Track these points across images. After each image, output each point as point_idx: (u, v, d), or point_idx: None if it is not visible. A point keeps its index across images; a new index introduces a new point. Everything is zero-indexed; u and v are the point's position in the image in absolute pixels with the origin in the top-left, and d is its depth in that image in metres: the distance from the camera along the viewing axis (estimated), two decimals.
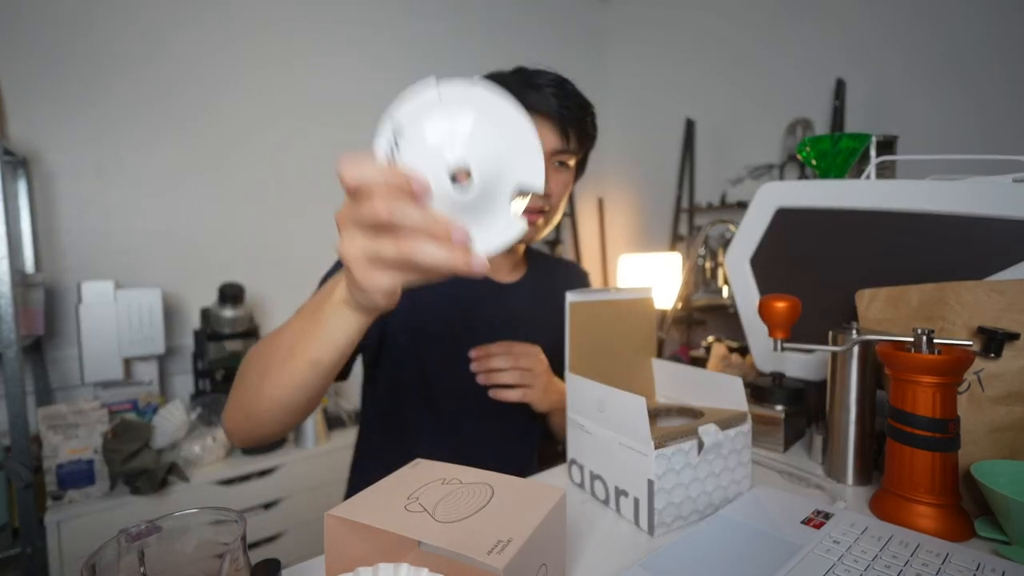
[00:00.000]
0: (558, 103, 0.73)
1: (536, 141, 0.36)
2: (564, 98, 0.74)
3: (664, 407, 0.64)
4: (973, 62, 1.78)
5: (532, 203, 0.74)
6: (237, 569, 0.31)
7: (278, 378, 0.47)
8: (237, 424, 0.54)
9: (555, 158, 0.76)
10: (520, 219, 0.36)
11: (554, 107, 0.73)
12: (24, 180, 1.54)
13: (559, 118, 0.73)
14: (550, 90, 0.74)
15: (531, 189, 0.36)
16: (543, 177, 0.36)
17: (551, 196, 0.76)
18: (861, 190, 0.69)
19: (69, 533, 1.25)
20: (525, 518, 0.37)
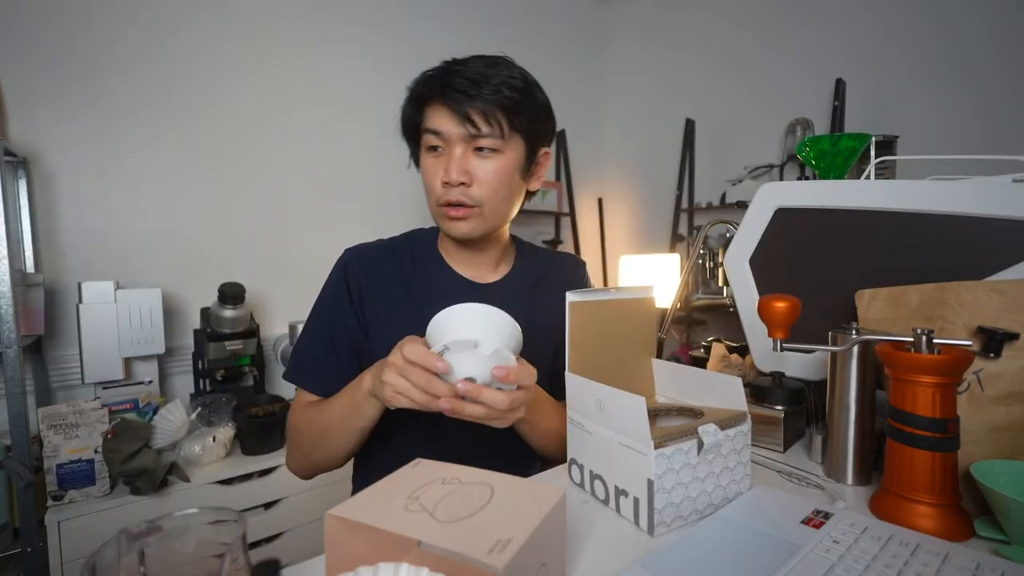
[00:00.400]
0: (449, 87, 0.68)
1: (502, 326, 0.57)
2: (477, 77, 0.68)
3: (664, 407, 0.64)
4: (973, 62, 1.78)
5: (451, 197, 0.70)
6: (237, 569, 0.31)
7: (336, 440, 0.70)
8: (301, 468, 0.77)
9: (468, 145, 0.70)
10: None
11: (457, 91, 0.68)
12: (24, 180, 1.54)
13: (458, 102, 0.68)
14: (458, 76, 0.69)
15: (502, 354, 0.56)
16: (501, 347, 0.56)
17: (470, 187, 0.70)
18: (861, 190, 0.69)
19: (69, 533, 1.24)
20: (525, 518, 0.37)
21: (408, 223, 0.93)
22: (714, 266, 2.30)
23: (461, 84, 0.68)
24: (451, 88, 0.68)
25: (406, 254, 0.81)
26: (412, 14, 2.31)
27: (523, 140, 0.73)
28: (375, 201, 2.20)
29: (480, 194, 0.71)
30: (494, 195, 0.72)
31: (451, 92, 0.68)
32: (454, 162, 0.69)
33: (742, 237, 0.81)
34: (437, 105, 0.70)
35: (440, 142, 0.71)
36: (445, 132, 0.70)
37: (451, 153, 0.70)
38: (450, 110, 0.69)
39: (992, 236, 0.60)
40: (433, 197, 0.73)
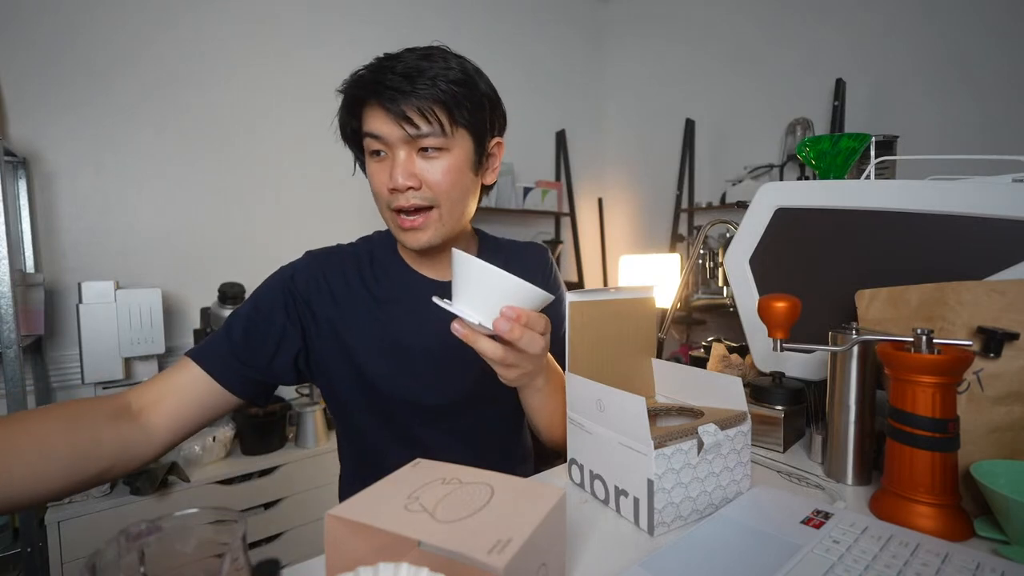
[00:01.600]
0: (381, 85, 0.63)
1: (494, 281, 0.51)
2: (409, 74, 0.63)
3: (664, 407, 0.64)
4: (973, 62, 1.78)
5: (403, 203, 0.66)
6: (237, 569, 0.31)
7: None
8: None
9: (412, 146, 0.65)
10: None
11: (379, 92, 0.63)
12: (24, 180, 1.54)
13: (388, 101, 0.63)
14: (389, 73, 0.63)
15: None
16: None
17: (420, 189, 0.66)
18: (861, 190, 0.69)
19: (69, 533, 1.25)
20: (525, 518, 0.37)
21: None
22: (714, 266, 2.30)
23: (393, 81, 0.63)
24: (383, 86, 0.63)
25: (364, 258, 0.77)
26: (411, 15, 2.31)
27: (469, 134, 0.68)
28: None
29: (432, 195, 0.67)
30: (447, 196, 0.67)
31: (384, 91, 0.63)
32: (399, 166, 0.65)
33: (742, 237, 0.81)
34: (372, 106, 0.65)
35: (381, 146, 0.66)
36: (384, 135, 0.65)
37: (394, 156, 0.65)
38: (384, 110, 0.64)
39: (992, 236, 0.60)
40: (383, 203, 0.69)
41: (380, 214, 0.71)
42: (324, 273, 0.74)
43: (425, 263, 0.77)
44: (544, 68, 2.85)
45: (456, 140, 0.67)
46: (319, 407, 1.70)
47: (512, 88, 2.86)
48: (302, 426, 1.66)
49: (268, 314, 0.71)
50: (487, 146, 0.72)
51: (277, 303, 0.72)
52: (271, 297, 0.72)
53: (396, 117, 0.63)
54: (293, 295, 0.72)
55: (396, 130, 0.64)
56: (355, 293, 0.74)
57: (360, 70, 0.67)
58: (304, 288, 0.73)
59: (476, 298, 0.52)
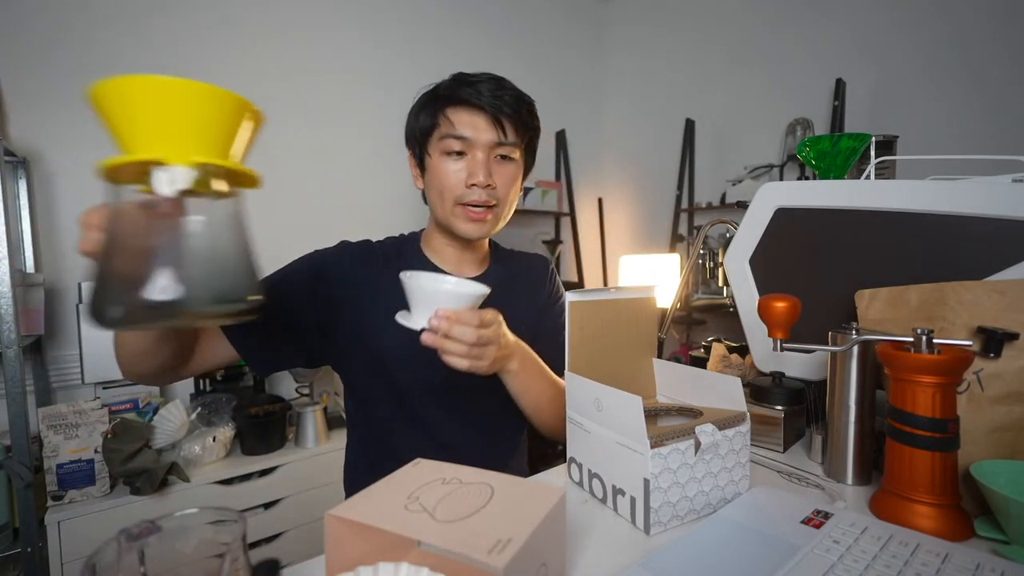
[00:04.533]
0: (491, 96, 0.74)
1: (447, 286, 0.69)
2: (496, 91, 0.75)
3: (664, 407, 0.64)
4: (974, 62, 1.78)
5: (477, 198, 0.75)
6: (237, 569, 0.31)
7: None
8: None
9: (495, 151, 0.76)
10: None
11: (486, 100, 0.74)
12: (24, 180, 1.54)
13: (492, 110, 0.74)
14: (483, 85, 0.74)
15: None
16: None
17: (495, 188, 0.76)
18: (861, 190, 0.69)
19: (69, 533, 1.25)
20: (525, 518, 0.37)
21: (407, 225, 0.94)
22: (714, 266, 2.30)
23: (490, 91, 0.74)
24: (482, 95, 0.74)
25: (391, 252, 0.84)
26: (411, 14, 2.31)
27: (527, 152, 0.82)
28: (375, 202, 2.20)
29: (500, 195, 0.77)
30: (508, 198, 0.79)
31: (485, 99, 0.74)
32: (481, 165, 0.74)
33: (742, 237, 0.81)
34: (467, 110, 0.74)
35: (464, 147, 0.75)
36: (473, 137, 0.74)
37: (475, 157, 0.75)
38: (485, 115, 0.74)
39: (992, 236, 0.60)
40: (451, 197, 0.76)
41: (439, 207, 0.78)
42: (354, 262, 0.81)
43: (448, 262, 0.85)
44: (544, 68, 2.85)
45: (519, 153, 0.79)
46: (319, 407, 1.70)
47: None
48: (302, 426, 1.66)
49: (288, 289, 0.76)
50: (529, 167, 0.85)
51: (302, 283, 0.77)
52: (298, 276, 0.78)
53: (492, 121, 0.74)
54: (318, 278, 0.78)
55: (489, 134, 0.75)
56: (378, 283, 0.80)
57: (447, 80, 0.77)
58: (330, 272, 0.79)
59: (416, 309, 0.64)
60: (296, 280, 0.78)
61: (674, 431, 0.51)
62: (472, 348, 0.63)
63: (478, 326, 0.63)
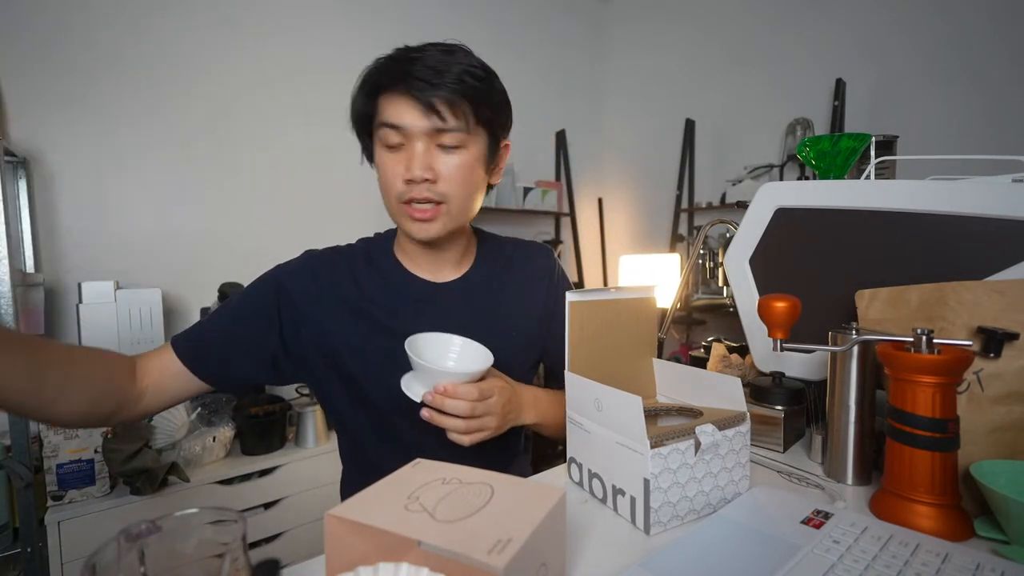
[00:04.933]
0: (425, 75, 0.63)
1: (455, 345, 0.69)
2: (436, 67, 0.63)
3: (664, 407, 0.64)
4: (974, 62, 1.78)
5: (417, 195, 0.66)
6: (237, 569, 0.31)
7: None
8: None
9: (435, 140, 0.65)
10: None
11: (418, 82, 0.63)
12: (24, 180, 1.54)
13: (422, 94, 0.63)
14: (419, 63, 0.63)
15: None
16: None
17: (435, 183, 0.66)
18: (861, 190, 0.69)
19: (69, 533, 1.24)
20: (525, 518, 0.37)
21: None
22: (714, 266, 2.30)
23: (423, 72, 0.62)
24: (412, 76, 0.62)
25: (360, 257, 0.77)
26: (410, 14, 2.31)
27: (486, 132, 0.69)
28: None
29: (446, 190, 0.67)
30: (459, 191, 0.68)
31: (413, 81, 0.62)
32: (417, 158, 0.65)
33: (742, 237, 0.81)
34: (397, 96, 0.65)
35: (400, 138, 0.66)
36: (407, 126, 0.64)
37: (412, 148, 0.65)
38: (413, 100, 0.63)
39: (992, 236, 0.60)
40: (393, 195, 0.68)
41: (387, 206, 0.71)
42: (317, 275, 0.74)
43: (421, 265, 0.77)
44: (544, 68, 2.84)
45: (474, 137, 0.68)
46: (319, 407, 1.70)
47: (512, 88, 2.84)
48: (302, 426, 1.66)
49: (248, 315, 0.72)
50: (499, 146, 0.73)
51: (265, 304, 0.72)
52: (256, 297, 0.73)
53: (424, 108, 0.63)
54: (280, 297, 0.72)
55: (421, 121, 0.64)
56: (346, 294, 0.74)
57: (382, 58, 0.67)
58: (294, 289, 0.73)
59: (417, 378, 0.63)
60: (257, 303, 0.72)
61: (674, 431, 0.51)
62: (469, 422, 0.62)
63: (476, 400, 0.61)
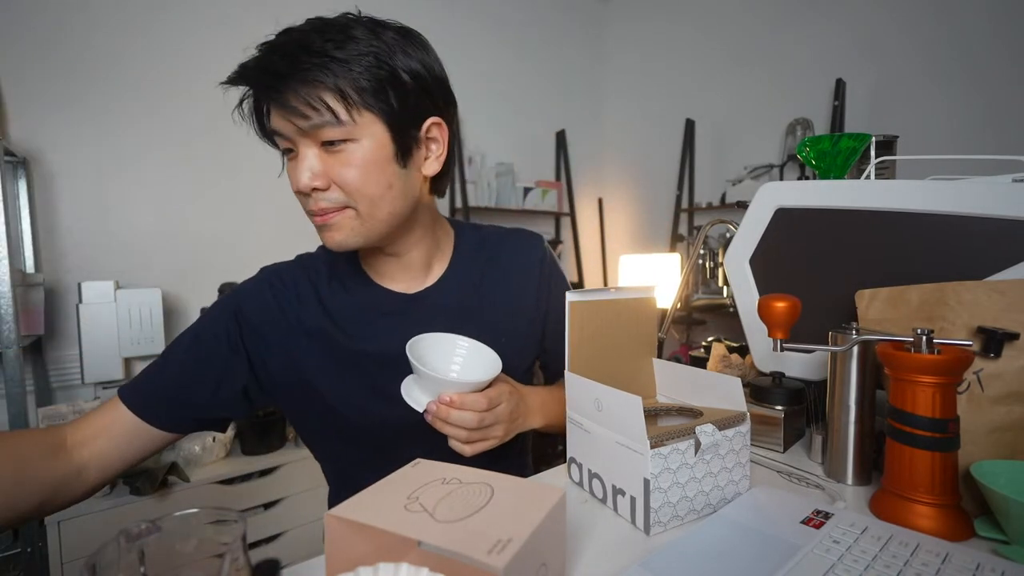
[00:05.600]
0: (258, 70, 0.54)
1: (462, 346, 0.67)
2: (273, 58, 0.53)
3: (664, 407, 0.64)
4: (974, 62, 1.78)
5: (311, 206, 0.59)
6: (237, 569, 0.31)
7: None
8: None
9: (311, 140, 0.56)
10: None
11: (256, 76, 0.54)
12: (24, 180, 1.54)
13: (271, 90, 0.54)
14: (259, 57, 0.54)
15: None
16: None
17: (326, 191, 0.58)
18: (861, 190, 0.69)
19: (69, 533, 1.25)
20: (525, 518, 0.37)
21: None
22: (714, 266, 2.30)
23: (272, 63, 0.53)
24: (262, 71, 0.53)
25: (323, 270, 0.70)
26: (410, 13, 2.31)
27: (381, 120, 0.57)
28: None
29: (342, 197, 0.58)
30: (361, 194, 0.58)
31: (262, 75, 0.54)
32: (301, 165, 0.57)
33: (742, 237, 0.81)
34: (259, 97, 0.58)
35: (288, 143, 0.58)
36: (279, 129, 0.57)
37: (299, 154, 0.57)
38: (271, 101, 0.56)
39: (992, 236, 0.60)
40: (304, 206, 0.61)
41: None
42: (275, 294, 0.67)
43: (388, 275, 0.70)
44: (544, 68, 2.84)
45: (363, 128, 0.56)
46: None
47: (512, 88, 2.87)
48: None
49: (209, 348, 0.64)
50: (416, 130, 0.61)
51: (220, 335, 0.65)
52: (214, 330, 0.65)
53: (281, 108, 0.54)
54: (240, 324, 0.65)
55: (283, 123, 0.56)
56: (309, 311, 0.67)
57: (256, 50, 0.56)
58: (253, 315, 0.66)
59: (419, 385, 0.60)
60: (216, 333, 0.65)
61: (674, 431, 0.51)
62: (473, 433, 0.58)
63: (484, 410, 0.58)
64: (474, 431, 0.59)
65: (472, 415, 0.58)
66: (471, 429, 0.58)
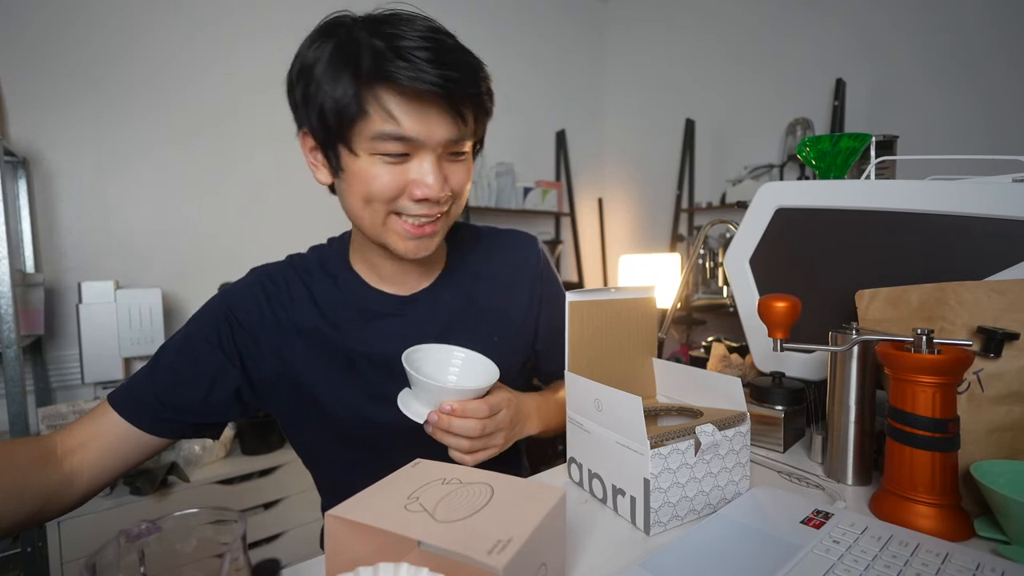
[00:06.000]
0: (441, 73, 0.51)
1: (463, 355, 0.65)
2: (447, 65, 0.51)
3: (664, 407, 0.64)
4: (974, 62, 1.78)
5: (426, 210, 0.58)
6: (237, 569, 0.31)
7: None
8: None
9: (435, 148, 0.56)
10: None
11: (438, 81, 0.51)
12: (24, 180, 1.54)
13: (449, 97, 0.53)
14: (422, 54, 0.51)
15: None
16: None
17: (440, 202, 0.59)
18: (861, 190, 0.69)
19: (69, 533, 1.25)
20: (525, 518, 0.37)
21: None
22: (714, 266, 2.30)
23: (441, 67, 0.51)
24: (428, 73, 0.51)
25: (315, 272, 0.69)
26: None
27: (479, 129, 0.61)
28: None
29: (454, 203, 0.61)
30: (462, 198, 0.61)
31: (436, 80, 0.51)
32: (434, 172, 0.55)
33: (742, 237, 0.81)
34: (412, 98, 0.53)
35: (406, 148, 0.55)
36: (423, 137, 0.54)
37: (423, 161, 0.56)
38: (439, 105, 0.53)
39: (992, 236, 0.60)
40: (383, 207, 0.58)
41: (364, 221, 0.60)
42: (266, 297, 0.66)
43: (387, 278, 0.69)
44: (544, 68, 2.84)
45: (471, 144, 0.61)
46: None
47: (512, 88, 2.86)
48: None
49: (199, 351, 0.63)
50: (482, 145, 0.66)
51: (211, 338, 0.64)
52: (204, 332, 0.64)
53: (453, 116, 0.54)
54: (231, 326, 0.64)
55: (444, 130, 0.54)
56: (303, 311, 0.67)
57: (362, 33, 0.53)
58: (244, 317, 0.65)
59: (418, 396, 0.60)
60: (206, 335, 0.64)
61: (674, 431, 0.51)
62: (475, 442, 0.58)
63: (486, 417, 0.58)
64: (476, 440, 0.58)
65: (475, 423, 0.57)
66: (473, 438, 0.58)
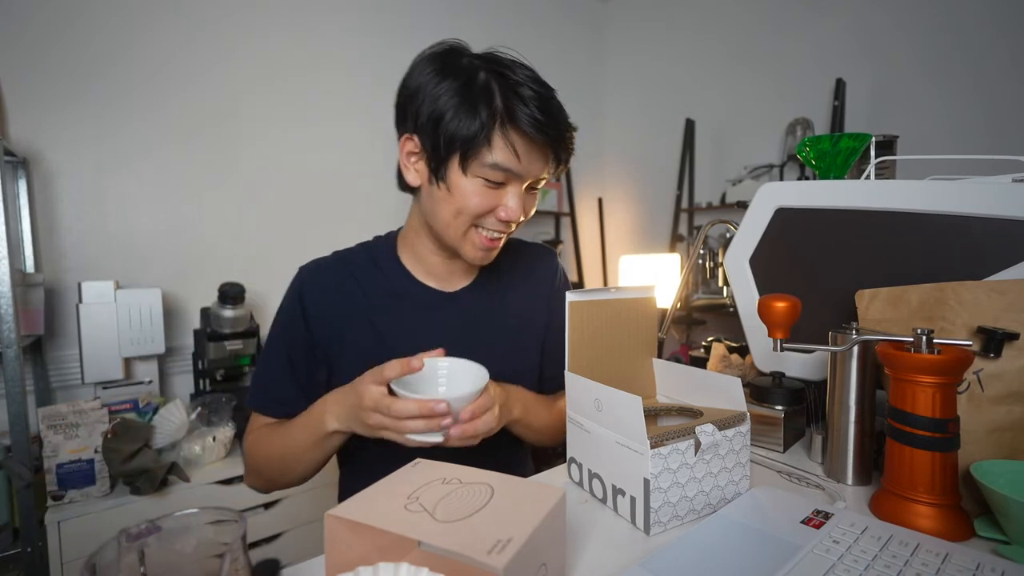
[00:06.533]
0: (548, 124, 0.63)
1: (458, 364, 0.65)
2: (552, 117, 0.64)
3: (664, 407, 0.64)
4: (974, 62, 1.78)
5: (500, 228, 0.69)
6: (237, 569, 0.31)
7: (295, 472, 0.72)
8: (261, 487, 0.77)
9: (524, 181, 0.67)
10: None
11: (550, 131, 0.64)
12: (24, 180, 1.54)
13: (555, 145, 0.66)
14: (537, 104, 0.63)
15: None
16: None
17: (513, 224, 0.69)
18: (861, 190, 0.69)
19: (69, 533, 1.24)
20: (525, 518, 0.37)
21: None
22: (714, 266, 2.30)
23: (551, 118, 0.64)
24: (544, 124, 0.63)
25: (366, 265, 0.77)
26: (410, 13, 2.31)
27: None
28: (375, 201, 2.20)
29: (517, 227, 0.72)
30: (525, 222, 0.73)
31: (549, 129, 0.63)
32: (518, 199, 0.66)
33: (742, 237, 0.81)
34: (526, 139, 0.64)
35: (505, 177, 0.65)
36: (523, 171, 0.65)
37: (514, 189, 0.66)
38: (543, 149, 0.65)
39: (992, 236, 0.60)
40: (468, 222, 0.67)
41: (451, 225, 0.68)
42: (321, 287, 0.75)
43: (435, 274, 0.77)
44: (544, 68, 2.82)
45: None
46: None
47: None
48: None
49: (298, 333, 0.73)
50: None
51: (297, 322, 0.73)
52: (293, 318, 0.74)
53: (554, 160, 0.67)
54: (306, 318, 0.73)
55: (538, 167, 0.66)
56: (356, 305, 0.74)
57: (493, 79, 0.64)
58: (311, 307, 0.74)
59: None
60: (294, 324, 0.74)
61: (674, 431, 0.51)
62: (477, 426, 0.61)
63: (491, 406, 0.61)
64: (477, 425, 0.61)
65: (490, 416, 0.61)
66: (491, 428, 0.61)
